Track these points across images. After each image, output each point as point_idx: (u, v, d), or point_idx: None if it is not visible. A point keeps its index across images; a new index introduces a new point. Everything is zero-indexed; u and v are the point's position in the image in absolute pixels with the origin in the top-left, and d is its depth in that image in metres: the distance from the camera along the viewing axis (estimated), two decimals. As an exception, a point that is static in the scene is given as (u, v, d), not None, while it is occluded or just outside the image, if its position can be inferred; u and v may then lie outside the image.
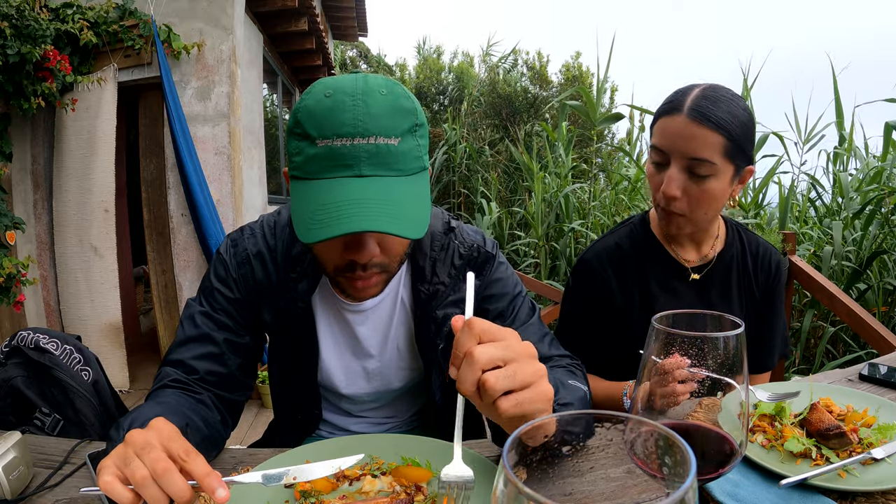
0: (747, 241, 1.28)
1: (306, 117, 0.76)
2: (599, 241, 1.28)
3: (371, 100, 0.75)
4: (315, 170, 0.76)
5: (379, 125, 0.75)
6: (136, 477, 0.55)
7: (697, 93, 1.07)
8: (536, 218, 4.93)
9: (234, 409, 0.98)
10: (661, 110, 1.12)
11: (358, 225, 0.71)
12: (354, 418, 1.12)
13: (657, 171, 1.12)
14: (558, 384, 0.80)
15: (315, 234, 0.72)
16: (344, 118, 0.74)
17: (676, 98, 1.09)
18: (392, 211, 0.74)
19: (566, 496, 0.42)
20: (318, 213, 0.73)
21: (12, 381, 1.16)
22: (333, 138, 0.74)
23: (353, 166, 0.75)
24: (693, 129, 1.04)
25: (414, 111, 0.79)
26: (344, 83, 0.77)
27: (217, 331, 0.94)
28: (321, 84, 0.79)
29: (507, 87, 8.81)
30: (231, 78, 3.53)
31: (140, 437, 0.59)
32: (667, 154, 1.09)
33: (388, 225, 0.73)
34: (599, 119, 4.74)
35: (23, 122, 3.31)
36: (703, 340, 0.54)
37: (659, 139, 1.10)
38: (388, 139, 0.75)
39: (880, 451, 0.76)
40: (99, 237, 3.46)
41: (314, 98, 0.77)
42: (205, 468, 0.58)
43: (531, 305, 1.03)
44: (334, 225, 0.72)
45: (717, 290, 1.24)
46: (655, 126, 1.13)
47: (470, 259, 0.99)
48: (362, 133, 0.74)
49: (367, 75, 0.79)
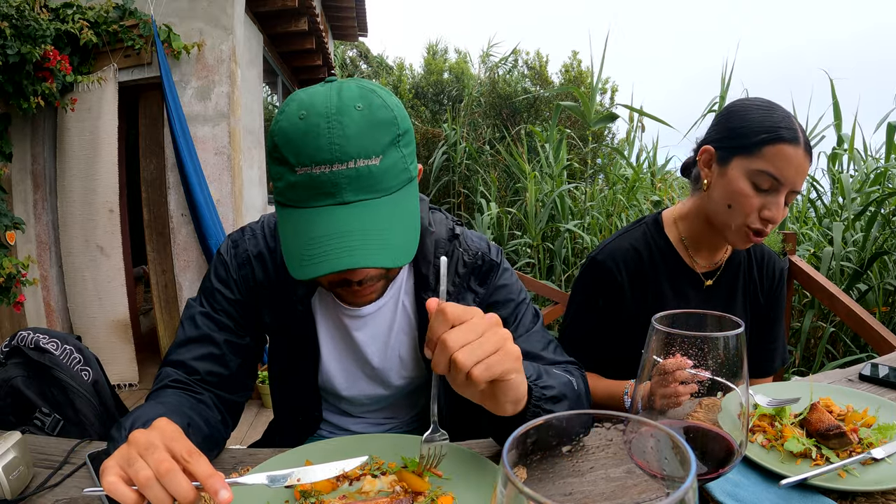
0: (753, 248, 1.29)
1: (283, 142, 0.74)
2: (612, 242, 1.26)
3: (347, 118, 0.73)
4: (297, 198, 0.75)
5: (357, 147, 0.73)
6: (139, 477, 0.55)
7: (798, 122, 1.07)
8: (530, 218, 4.93)
9: (234, 410, 0.98)
10: (780, 137, 1.04)
11: (346, 262, 0.71)
12: (354, 419, 1.11)
13: (757, 193, 1.07)
14: (542, 371, 0.81)
15: (305, 272, 0.73)
16: (320, 143, 0.72)
17: (791, 127, 1.05)
18: (379, 240, 0.73)
19: (566, 496, 0.42)
20: (305, 247, 0.73)
21: (12, 381, 1.16)
22: (312, 165, 0.73)
23: (335, 194, 0.74)
24: (806, 164, 1.05)
25: (394, 121, 0.77)
26: (316, 100, 0.74)
27: (217, 331, 0.94)
28: (295, 102, 0.76)
29: (507, 87, 8.81)
30: (231, 78, 3.53)
31: (143, 438, 0.59)
32: (781, 183, 1.05)
33: (375, 258, 0.72)
34: (594, 119, 4.75)
35: (23, 122, 3.31)
36: (703, 340, 0.54)
37: (777, 167, 1.05)
38: (368, 160, 0.73)
39: (880, 451, 0.76)
40: (104, 237, 3.47)
41: (288, 120, 0.75)
42: (208, 469, 0.58)
43: (534, 312, 1.02)
44: (323, 262, 0.72)
45: (724, 296, 1.25)
46: (771, 151, 1.05)
47: (474, 267, 0.98)
48: (340, 158, 0.72)
49: (340, 85, 0.77)
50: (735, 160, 1.09)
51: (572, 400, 0.82)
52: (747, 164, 1.07)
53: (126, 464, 0.57)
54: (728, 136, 1.12)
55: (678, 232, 1.25)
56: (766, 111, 1.08)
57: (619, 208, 4.75)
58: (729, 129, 1.12)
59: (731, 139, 1.11)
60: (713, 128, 1.18)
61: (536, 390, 0.75)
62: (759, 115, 1.08)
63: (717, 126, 1.16)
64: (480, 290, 0.98)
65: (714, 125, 1.18)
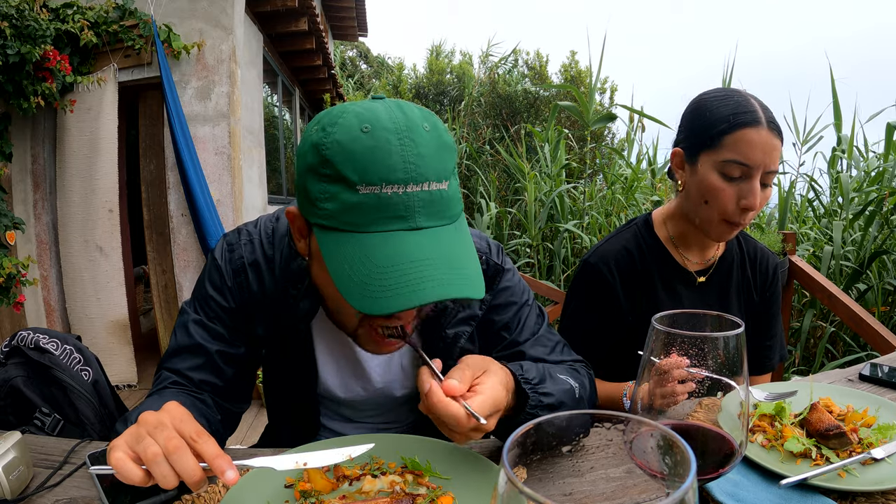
0: (745, 245, 1.29)
1: (341, 158, 0.65)
2: (604, 244, 1.27)
3: (418, 138, 0.66)
4: (360, 222, 0.66)
5: (431, 168, 0.66)
6: (147, 454, 0.55)
7: (761, 104, 1.06)
8: (530, 218, 4.93)
9: (231, 418, 0.97)
10: (739, 122, 1.04)
11: (433, 294, 0.63)
12: (354, 423, 1.10)
13: (728, 183, 1.07)
14: (546, 375, 0.80)
15: (383, 306, 0.63)
16: (393, 162, 0.64)
17: (750, 109, 1.04)
18: (458, 270, 0.66)
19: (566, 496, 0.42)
20: (378, 276, 0.64)
21: (12, 381, 1.15)
22: (382, 185, 0.64)
23: (408, 218, 0.66)
24: (774, 141, 1.03)
25: (454, 147, 0.72)
26: (379, 114, 0.67)
27: (211, 341, 0.90)
28: (351, 115, 0.67)
29: (507, 87, 8.81)
30: (231, 78, 3.54)
31: (153, 418, 0.60)
32: (750, 168, 1.04)
33: (460, 288, 0.65)
34: (593, 119, 4.75)
35: (23, 122, 3.31)
36: (702, 340, 0.54)
37: (742, 153, 1.04)
38: (439, 184, 0.67)
39: (880, 451, 0.76)
40: (104, 237, 3.48)
41: (347, 133, 0.66)
42: (215, 450, 0.58)
43: (539, 312, 1.00)
44: (404, 294, 0.62)
45: (717, 294, 1.25)
46: (733, 138, 1.04)
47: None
48: (415, 179, 0.65)
49: (399, 103, 0.71)
50: (702, 156, 1.10)
51: (571, 408, 0.81)
52: (714, 158, 1.08)
53: (134, 441, 0.57)
54: (691, 134, 1.13)
55: (667, 231, 1.26)
56: (722, 101, 1.09)
57: (618, 208, 4.76)
58: (690, 127, 1.14)
59: (694, 137, 1.12)
60: (679, 129, 1.20)
61: (534, 396, 0.75)
62: (716, 106, 1.09)
63: (681, 126, 1.18)
64: (486, 297, 0.95)
65: (679, 126, 1.20)
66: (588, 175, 5.32)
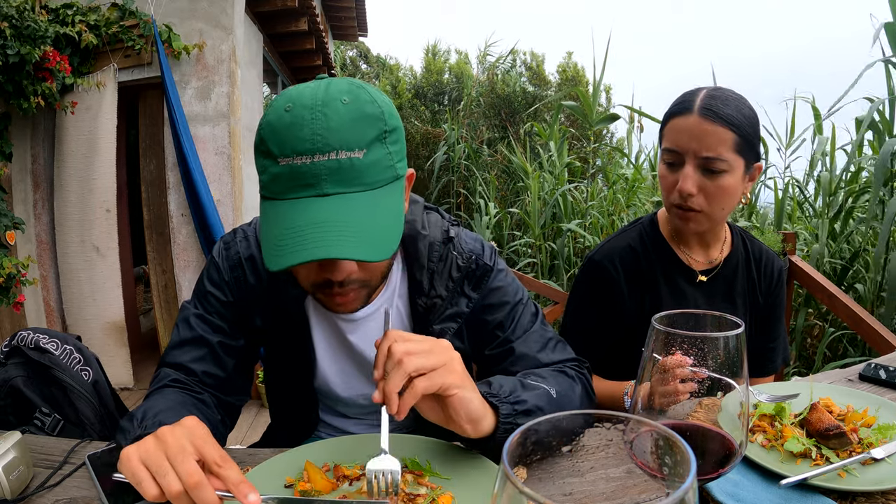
0: (751, 247, 1.29)
1: (268, 134, 0.74)
2: (609, 242, 1.28)
3: (331, 111, 0.72)
4: (279, 190, 0.74)
5: (340, 138, 0.71)
6: (171, 490, 0.59)
7: (705, 93, 1.10)
8: (533, 217, 4.94)
9: (231, 412, 0.99)
10: (671, 112, 1.14)
11: (318, 252, 0.69)
12: (353, 420, 1.11)
13: (670, 171, 1.14)
14: (517, 385, 0.81)
15: (276, 262, 0.71)
16: (302, 134, 0.71)
17: (686, 99, 1.12)
18: (356, 233, 0.71)
19: (566, 496, 0.42)
20: (280, 238, 0.72)
21: (12, 381, 1.15)
22: (294, 156, 0.71)
23: (315, 185, 0.72)
24: (706, 126, 1.07)
25: (381, 116, 0.76)
26: (303, 94, 0.74)
27: (212, 333, 0.94)
28: (283, 96, 0.76)
29: (506, 87, 8.81)
30: (231, 78, 3.53)
31: (173, 440, 0.62)
32: (681, 154, 1.10)
33: (350, 250, 0.70)
34: (596, 120, 4.75)
35: (23, 122, 3.31)
36: (703, 340, 0.54)
37: (672, 140, 1.12)
38: (351, 152, 0.72)
39: (880, 451, 0.76)
40: (101, 237, 3.47)
41: (275, 113, 0.74)
42: (238, 476, 0.61)
43: (533, 310, 1.02)
44: (295, 252, 0.70)
45: (722, 295, 1.25)
46: (666, 128, 1.14)
47: (468, 272, 0.98)
48: (321, 149, 0.71)
49: (330, 81, 0.77)
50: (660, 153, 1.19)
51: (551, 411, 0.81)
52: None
53: (156, 470, 0.60)
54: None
55: (671, 229, 1.26)
56: (675, 101, 1.16)
57: (619, 208, 4.75)
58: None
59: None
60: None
61: (506, 407, 0.76)
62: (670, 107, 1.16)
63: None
64: (474, 295, 0.98)
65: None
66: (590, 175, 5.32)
